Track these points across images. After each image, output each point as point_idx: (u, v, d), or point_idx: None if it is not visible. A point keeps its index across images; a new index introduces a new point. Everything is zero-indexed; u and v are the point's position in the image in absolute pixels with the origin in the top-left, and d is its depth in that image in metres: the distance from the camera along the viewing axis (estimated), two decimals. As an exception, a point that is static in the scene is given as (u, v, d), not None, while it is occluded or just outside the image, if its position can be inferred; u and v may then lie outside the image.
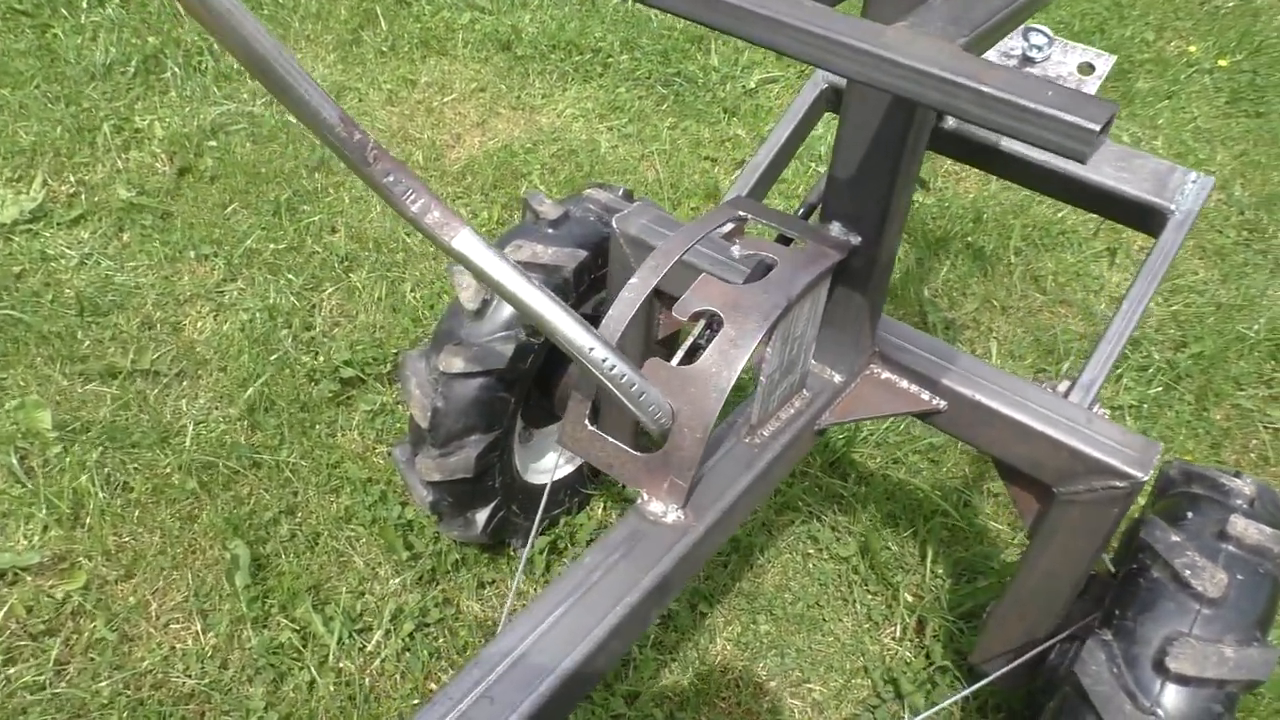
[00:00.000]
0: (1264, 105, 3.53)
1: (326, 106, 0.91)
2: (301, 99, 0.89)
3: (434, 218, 1.02)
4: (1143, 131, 3.37)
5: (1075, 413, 1.37)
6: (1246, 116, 3.49)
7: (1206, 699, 1.21)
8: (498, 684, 0.99)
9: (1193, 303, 2.72)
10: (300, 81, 0.88)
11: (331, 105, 0.92)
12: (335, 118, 0.93)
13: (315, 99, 0.90)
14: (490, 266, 1.02)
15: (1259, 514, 1.36)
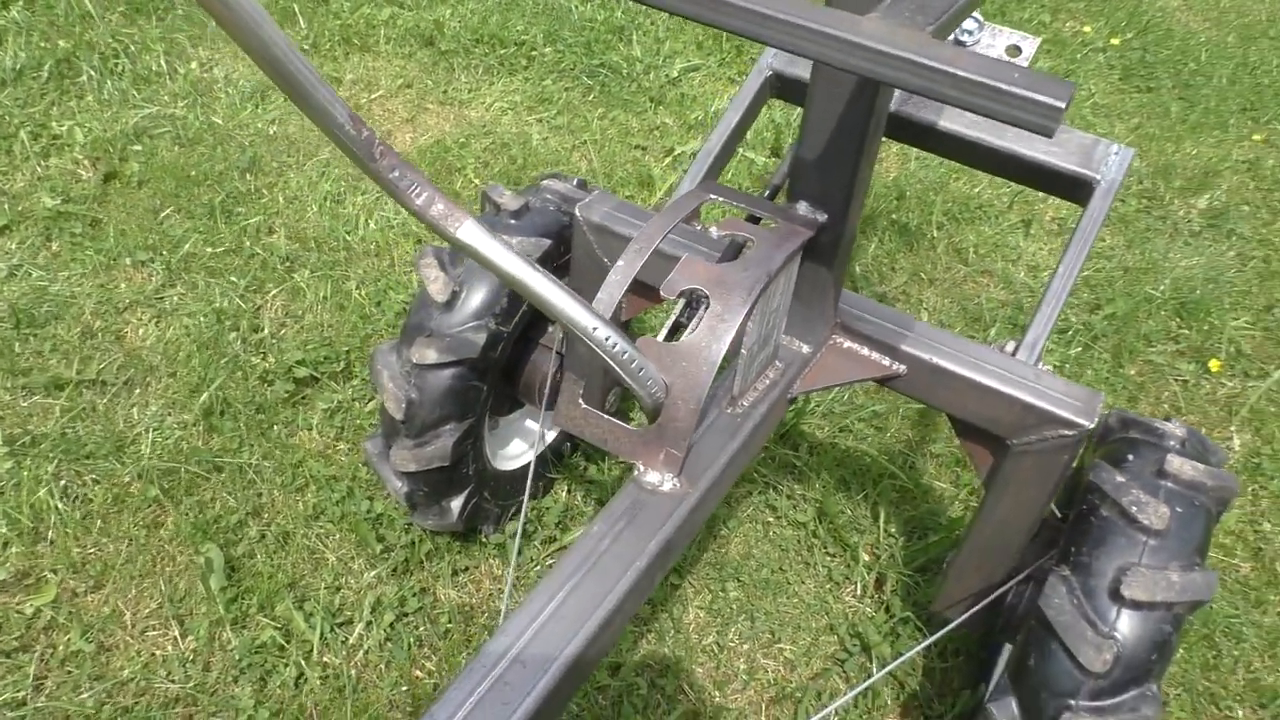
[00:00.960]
0: (1154, 81, 3.75)
1: (336, 105, 0.95)
2: (314, 98, 0.92)
3: (438, 210, 1.06)
4: (1045, 108, 3.55)
5: (1024, 370, 1.48)
6: (1139, 91, 3.71)
7: (1157, 621, 1.33)
8: (528, 648, 1.04)
9: (1103, 268, 2.90)
10: (313, 82, 0.92)
11: (341, 104, 0.95)
12: (344, 116, 0.96)
13: (326, 98, 0.94)
14: (494, 254, 1.06)
15: (1190, 453, 1.49)
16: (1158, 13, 4.15)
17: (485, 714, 0.98)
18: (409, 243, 2.69)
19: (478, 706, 0.99)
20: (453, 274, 1.69)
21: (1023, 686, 1.39)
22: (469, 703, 1.00)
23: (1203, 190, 3.23)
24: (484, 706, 0.99)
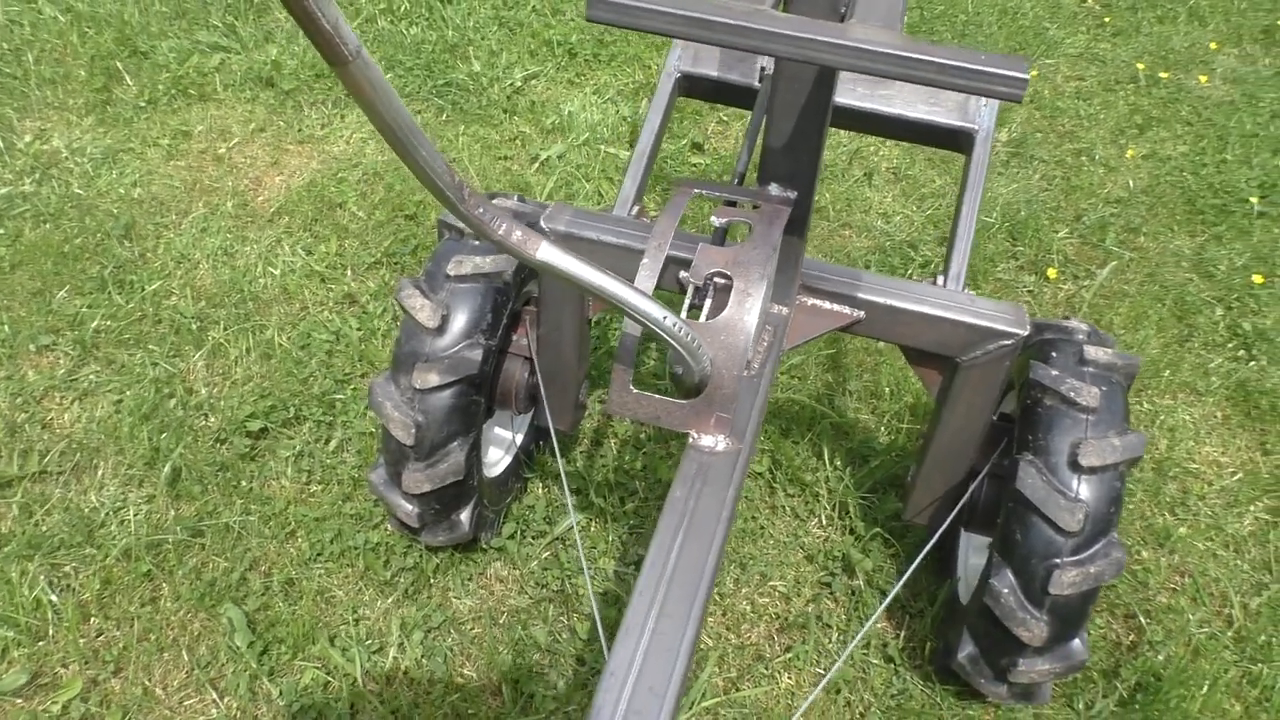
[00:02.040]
0: (935, 35, 4.20)
1: (437, 160, 1.07)
2: (422, 156, 1.04)
3: (517, 237, 1.19)
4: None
5: (960, 297, 1.74)
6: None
7: (1110, 480, 1.63)
8: (667, 600, 1.20)
9: (939, 206, 3.27)
10: (422, 143, 1.04)
11: (440, 159, 1.08)
12: (442, 167, 1.08)
13: (431, 156, 1.05)
14: (570, 267, 1.20)
15: (1095, 342, 1.80)
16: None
17: (664, 640, 1.14)
18: (314, 283, 2.71)
19: (655, 639, 1.15)
20: (436, 299, 1.80)
21: (1014, 558, 1.66)
22: (647, 630, 1.16)
23: (1001, 125, 3.67)
24: (661, 634, 1.15)
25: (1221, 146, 3.66)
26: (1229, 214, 3.35)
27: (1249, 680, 2.01)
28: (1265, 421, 2.62)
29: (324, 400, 2.38)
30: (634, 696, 1.10)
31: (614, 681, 1.12)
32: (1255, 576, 2.23)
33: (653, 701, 1.10)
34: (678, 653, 1.15)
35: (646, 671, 1.13)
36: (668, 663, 1.14)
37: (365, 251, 2.84)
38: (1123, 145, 3.64)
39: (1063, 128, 3.73)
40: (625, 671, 1.13)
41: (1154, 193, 3.42)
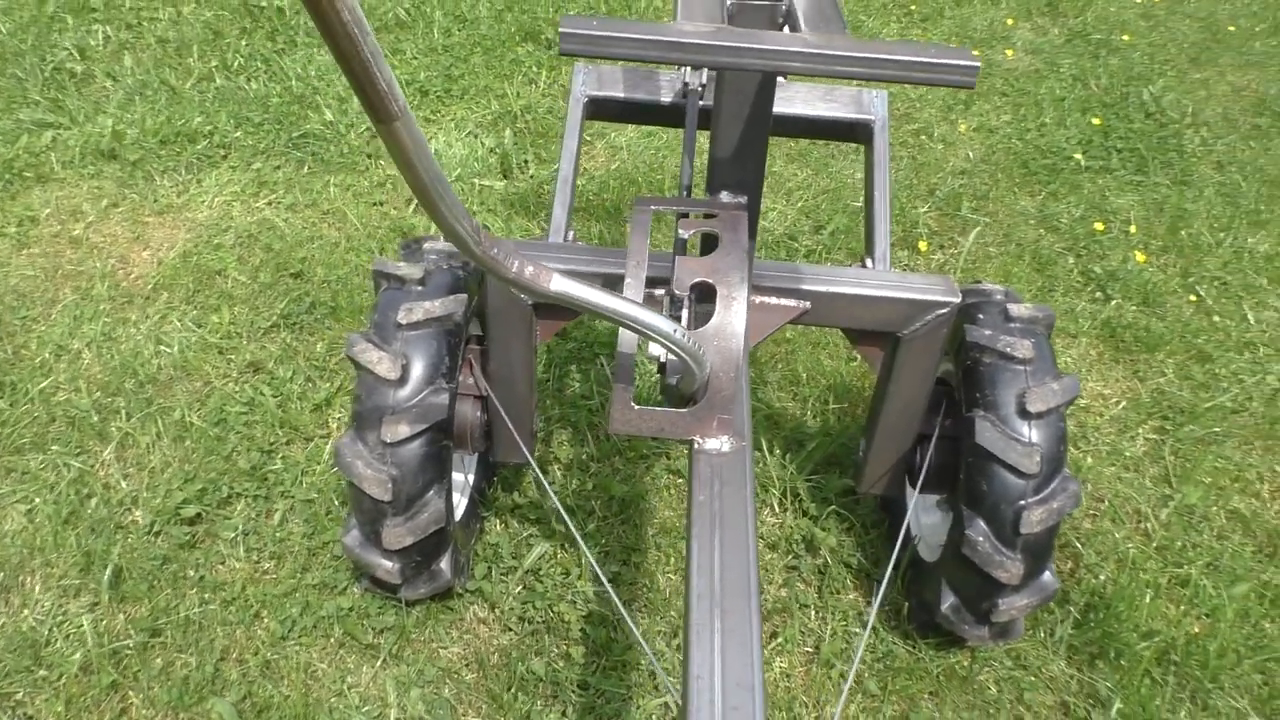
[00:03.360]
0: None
1: (459, 207, 1.08)
2: (447, 206, 1.05)
3: (529, 273, 1.21)
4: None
5: (893, 277, 1.86)
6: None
7: (1055, 421, 1.78)
8: (724, 598, 1.24)
9: (805, 196, 3.44)
10: (447, 193, 1.05)
11: (461, 206, 1.09)
12: (464, 214, 1.10)
13: (454, 204, 1.07)
14: (584, 294, 1.23)
15: (1013, 300, 1.96)
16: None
17: (735, 636, 1.18)
18: (213, 356, 2.60)
19: (726, 636, 1.19)
20: (392, 350, 1.77)
21: (983, 507, 1.78)
22: (716, 630, 1.20)
23: (844, 115, 3.89)
24: (731, 631, 1.19)
25: (1038, 112, 4.01)
26: (1059, 172, 3.66)
27: (1178, 583, 2.22)
28: (1133, 353, 2.89)
29: (255, 475, 2.29)
30: (726, 694, 1.14)
31: (702, 683, 1.16)
32: (1158, 490, 2.46)
33: (744, 695, 1.14)
34: (751, 646, 1.19)
35: (729, 668, 1.17)
36: (745, 656, 1.18)
37: (259, 316, 2.74)
38: (954, 121, 3.92)
39: (899, 110, 3.98)
40: (710, 673, 1.17)
41: (991, 161, 3.71)
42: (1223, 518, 2.40)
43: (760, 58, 1.23)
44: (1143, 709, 1.96)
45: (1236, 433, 2.63)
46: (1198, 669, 2.03)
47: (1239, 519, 2.40)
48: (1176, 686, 2.01)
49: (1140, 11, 5.00)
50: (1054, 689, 2.02)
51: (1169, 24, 4.91)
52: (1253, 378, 2.81)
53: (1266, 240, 3.41)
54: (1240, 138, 4.01)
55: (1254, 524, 2.39)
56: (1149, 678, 2.01)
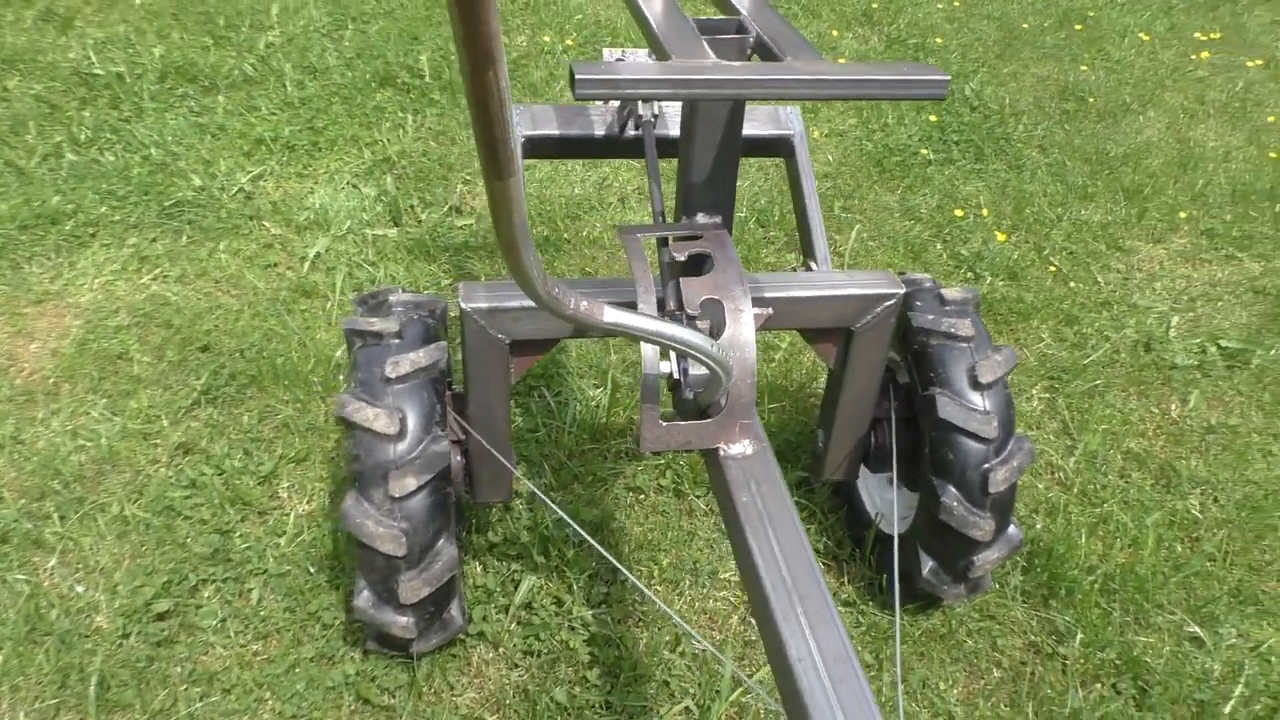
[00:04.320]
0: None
1: (535, 257, 1.14)
2: (525, 256, 1.12)
3: (584, 307, 1.28)
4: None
5: (839, 275, 2.01)
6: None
7: (1002, 389, 1.97)
8: (797, 584, 1.33)
9: (692, 213, 3.58)
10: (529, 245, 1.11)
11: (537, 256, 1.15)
12: (537, 260, 1.16)
13: (530, 254, 1.13)
14: (635, 322, 1.31)
15: (941, 285, 2.15)
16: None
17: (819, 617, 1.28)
18: (138, 443, 2.49)
19: (810, 618, 1.28)
20: (385, 405, 1.78)
21: (952, 475, 1.95)
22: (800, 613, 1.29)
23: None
24: (814, 614, 1.29)
25: (880, 114, 4.32)
26: (910, 167, 3.97)
27: (1100, 521, 2.47)
28: (1010, 323, 3.18)
29: (217, 558, 2.22)
30: (829, 669, 1.24)
31: (804, 665, 1.25)
32: (1062, 442, 2.72)
33: (845, 667, 1.24)
34: (835, 623, 1.29)
35: (825, 646, 1.26)
36: (834, 633, 1.28)
37: (176, 396, 2.64)
38: (809, 128, 4.17)
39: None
40: (809, 654, 1.26)
41: (849, 163, 3.98)
42: (1120, 459, 2.69)
43: (763, 88, 1.34)
44: (1099, 635, 2.18)
45: (1115, 382, 2.95)
46: (1135, 593, 2.28)
47: (1134, 457, 2.69)
48: (1122, 611, 2.25)
49: (945, 15, 5.45)
50: (1020, 632, 2.21)
51: (971, 25, 5.38)
52: (1116, 332, 3.15)
53: (1097, 211, 3.82)
54: (1055, 122, 4.45)
55: (1148, 460, 2.68)
56: (1098, 607, 2.24)
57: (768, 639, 1.32)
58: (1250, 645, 2.20)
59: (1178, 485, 2.61)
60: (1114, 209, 3.84)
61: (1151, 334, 3.15)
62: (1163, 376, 3.00)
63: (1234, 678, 2.11)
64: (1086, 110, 4.59)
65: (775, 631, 1.29)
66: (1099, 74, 4.98)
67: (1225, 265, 3.58)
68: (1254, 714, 2.05)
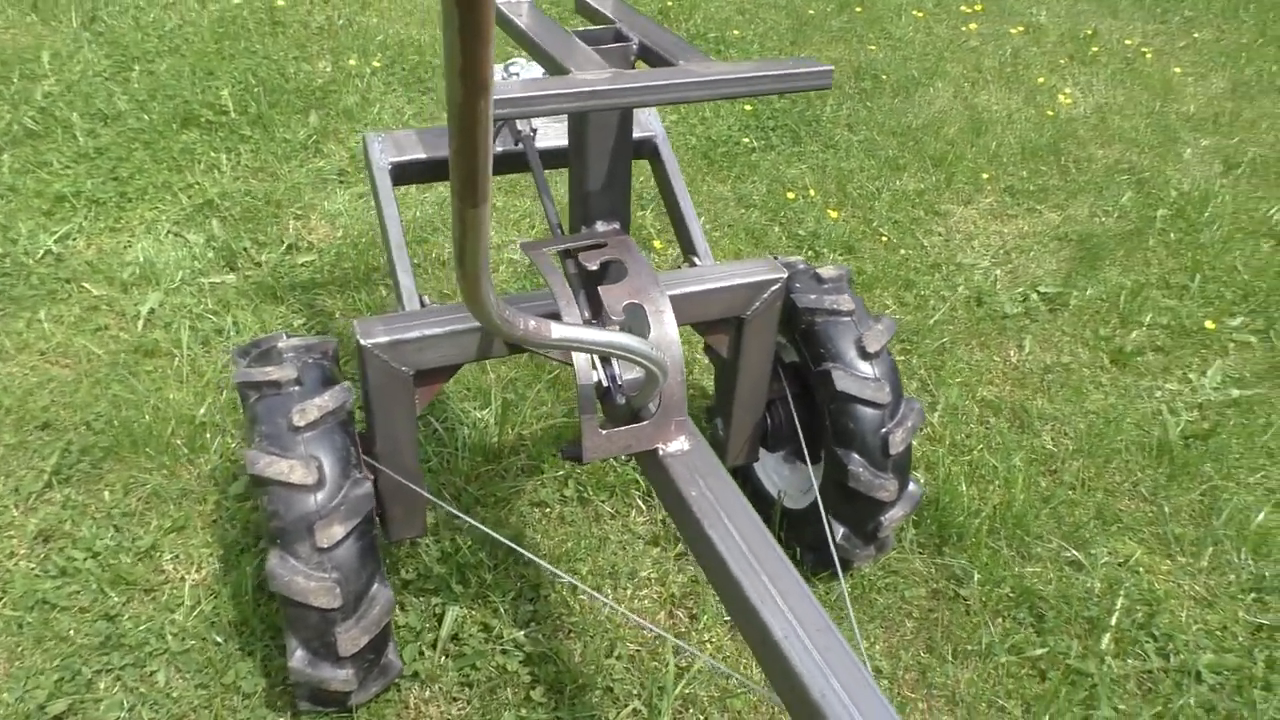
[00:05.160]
0: (432, 81, 4.49)
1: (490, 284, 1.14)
2: (485, 284, 1.11)
3: (533, 327, 1.28)
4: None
5: (723, 267, 2.07)
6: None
7: (886, 357, 2.08)
8: (763, 565, 1.37)
9: (535, 224, 3.59)
10: (487, 272, 1.11)
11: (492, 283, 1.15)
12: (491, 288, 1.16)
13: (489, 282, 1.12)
14: (584, 335, 1.32)
15: (811, 266, 2.25)
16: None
17: (793, 596, 1.33)
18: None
19: (786, 597, 1.33)
20: (298, 455, 1.71)
21: (854, 442, 2.05)
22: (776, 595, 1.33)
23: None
24: (787, 593, 1.33)
25: (697, 108, 4.45)
26: (736, 156, 4.11)
27: (972, 467, 2.65)
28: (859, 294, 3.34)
29: (109, 645, 2.06)
30: (814, 640, 1.28)
31: (793, 642, 1.29)
32: (925, 399, 2.91)
33: (828, 637, 1.29)
34: (809, 599, 1.34)
35: (805, 621, 1.31)
36: (811, 609, 1.33)
37: (23, 482, 2.42)
38: (633, 129, 4.25)
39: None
40: (794, 632, 1.30)
41: (679, 159, 4.07)
42: (977, 408, 2.90)
43: (671, 93, 1.37)
44: (992, 574, 2.34)
45: (959, 337, 3.17)
46: (1015, 529, 2.46)
47: (989, 404, 2.90)
48: (1008, 547, 2.43)
49: (736, 8, 5.67)
50: (923, 582, 2.35)
51: (762, 15, 5.62)
52: (950, 291, 3.38)
53: (910, 180, 4.08)
54: (856, 101, 4.71)
55: (1001, 405, 2.90)
56: (987, 548, 2.41)
57: (746, 625, 1.36)
58: (1120, 561, 2.42)
59: (1030, 424, 2.84)
60: (925, 177, 4.11)
61: (980, 289, 3.40)
62: (997, 326, 3.24)
63: (1113, 592, 2.32)
64: (882, 87, 4.89)
65: (754, 616, 1.33)
66: (885, 52, 5.31)
67: (1029, 218, 3.91)
68: (1136, 621, 2.26)
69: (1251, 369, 3.12)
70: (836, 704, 1.20)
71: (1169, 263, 3.63)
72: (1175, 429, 2.80)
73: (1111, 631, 2.23)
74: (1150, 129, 4.66)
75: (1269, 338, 3.26)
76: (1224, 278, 3.53)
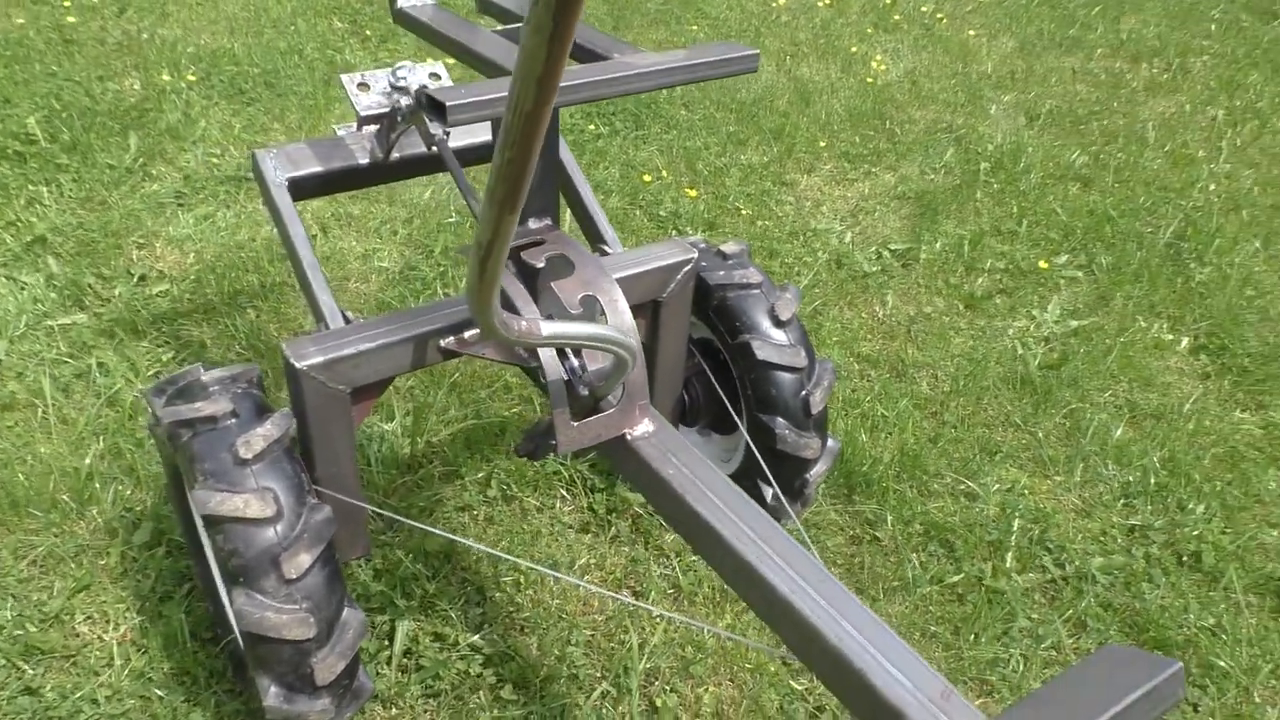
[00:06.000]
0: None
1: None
2: (497, 299, 1.13)
3: (524, 327, 1.30)
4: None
5: (636, 253, 2.12)
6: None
7: (798, 323, 2.20)
8: (755, 532, 1.44)
9: (424, 227, 3.53)
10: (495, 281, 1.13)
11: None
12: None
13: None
14: (571, 330, 1.35)
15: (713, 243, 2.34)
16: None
17: (795, 559, 1.40)
18: None
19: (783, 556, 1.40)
20: (251, 488, 1.65)
21: (776, 407, 2.14)
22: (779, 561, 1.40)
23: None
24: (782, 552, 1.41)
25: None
26: (584, 145, 4.16)
27: (866, 418, 2.82)
28: (727, 267, 3.47)
29: (36, 719, 1.92)
30: (820, 591, 1.36)
31: (802, 596, 1.37)
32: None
33: (833, 588, 1.37)
34: (804, 553, 1.42)
35: (807, 576, 1.39)
36: (809, 563, 1.41)
37: (-107, 560, 2.21)
38: (478, 125, 4.22)
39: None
40: (800, 586, 1.38)
41: (529, 151, 4.08)
42: (858, 363, 3.08)
43: (617, 86, 1.40)
44: (901, 514, 2.51)
45: (829, 299, 3.34)
46: (914, 469, 2.64)
47: (867, 359, 3.09)
48: (910, 488, 2.61)
49: (555, -2, 5.69)
50: (840, 530, 2.50)
51: (582, 3, 5.66)
52: (811, 256, 3.56)
53: (754, 154, 4.24)
54: (689, 81, 4.84)
55: (879, 359, 3.09)
56: (893, 491, 2.58)
57: (749, 589, 1.42)
58: (1008, 487, 2.64)
59: (907, 373, 3.04)
60: (767, 150, 4.29)
61: (838, 251, 3.60)
62: (860, 285, 3.44)
63: (1007, 515, 2.54)
64: (709, 68, 5.04)
65: (757, 579, 1.40)
66: (706, 31, 5.47)
67: (867, 181, 4.15)
68: (1031, 538, 2.48)
69: (1083, 301, 3.45)
70: (854, 645, 1.29)
71: (997, 211, 3.94)
72: (1032, 362, 3.07)
73: (1013, 550, 2.44)
74: (957, 89, 5.02)
75: (1093, 271, 3.61)
76: (1046, 221, 3.87)
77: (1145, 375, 3.07)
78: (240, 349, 2.92)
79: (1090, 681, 1.20)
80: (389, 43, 4.99)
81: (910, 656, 1.28)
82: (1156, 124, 4.80)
